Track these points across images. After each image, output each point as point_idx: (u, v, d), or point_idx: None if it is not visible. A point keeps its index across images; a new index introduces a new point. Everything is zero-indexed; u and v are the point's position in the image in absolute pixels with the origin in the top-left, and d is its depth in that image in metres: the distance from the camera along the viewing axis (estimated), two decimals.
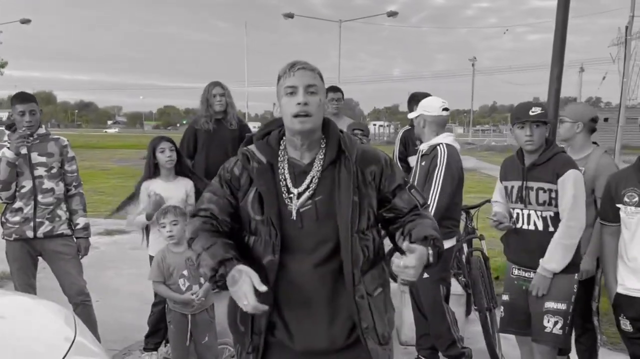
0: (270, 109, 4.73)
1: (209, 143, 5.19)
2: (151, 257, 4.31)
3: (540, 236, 3.34)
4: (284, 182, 2.09)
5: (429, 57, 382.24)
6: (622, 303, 3.23)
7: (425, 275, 2.00)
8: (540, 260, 3.28)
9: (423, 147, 4.02)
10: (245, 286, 1.86)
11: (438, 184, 3.77)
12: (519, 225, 3.42)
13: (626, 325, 3.23)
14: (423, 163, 3.98)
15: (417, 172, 4.00)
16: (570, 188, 3.23)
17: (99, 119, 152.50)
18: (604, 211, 3.33)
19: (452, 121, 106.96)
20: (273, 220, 2.03)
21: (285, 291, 2.06)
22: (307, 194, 2.06)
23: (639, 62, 33.67)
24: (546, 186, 3.29)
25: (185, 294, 3.66)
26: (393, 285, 2.25)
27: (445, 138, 3.93)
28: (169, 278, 3.72)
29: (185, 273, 3.72)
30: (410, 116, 4.27)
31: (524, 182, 3.36)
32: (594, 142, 3.75)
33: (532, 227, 3.36)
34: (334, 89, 5.77)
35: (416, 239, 1.97)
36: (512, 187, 3.45)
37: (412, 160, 4.87)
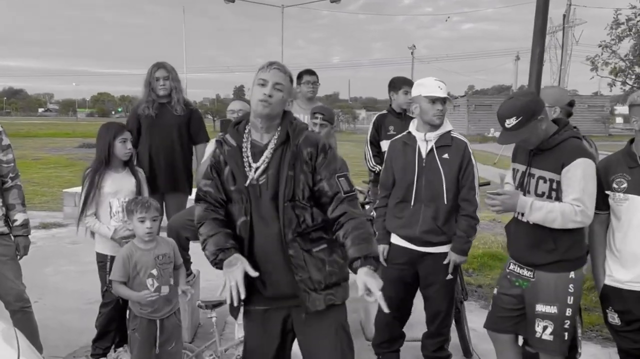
0: (210, 97, 4.63)
1: (153, 131, 4.81)
2: (98, 254, 3.95)
3: (532, 229, 3.03)
4: (247, 159, 2.61)
5: (367, 45, 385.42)
6: (611, 295, 3.11)
7: (450, 276, 2.45)
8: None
9: (433, 137, 3.63)
10: (238, 271, 2.43)
11: (477, 180, 3.67)
12: (516, 215, 3.15)
13: (614, 318, 3.11)
14: (446, 155, 3.61)
15: (441, 166, 3.60)
16: (580, 179, 2.88)
17: (30, 106, 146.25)
18: None
19: None
20: (241, 189, 2.59)
21: (256, 247, 2.59)
22: (262, 168, 2.59)
23: (569, 52, 34.73)
24: (548, 175, 2.98)
25: (154, 294, 3.33)
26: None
27: (449, 126, 3.70)
28: (134, 278, 3.37)
29: (154, 272, 3.39)
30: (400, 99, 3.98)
31: (528, 168, 3.09)
32: (575, 127, 3.59)
33: (524, 218, 3.06)
34: (310, 72, 5.74)
35: (352, 259, 2.42)
36: (518, 171, 3.18)
37: (385, 144, 4.71)
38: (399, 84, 5.01)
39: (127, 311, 3.51)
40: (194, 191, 3.03)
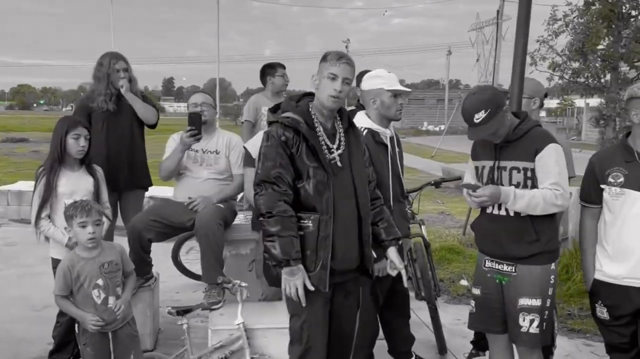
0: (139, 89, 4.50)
1: (110, 125, 4.53)
2: (53, 260, 3.64)
3: (512, 223, 2.97)
4: (322, 140, 2.84)
5: (300, 38, 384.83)
6: (600, 290, 3.10)
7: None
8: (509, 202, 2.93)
9: (388, 131, 3.56)
10: (299, 281, 2.69)
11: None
12: (488, 211, 3.09)
13: (603, 313, 3.11)
14: (398, 149, 3.63)
15: (398, 158, 3.60)
16: (554, 165, 2.90)
17: None
18: (587, 191, 3.13)
19: None
20: (325, 166, 2.79)
21: (336, 221, 2.77)
22: (341, 149, 2.88)
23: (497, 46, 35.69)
24: (522, 164, 2.93)
25: (99, 323, 3.07)
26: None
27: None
28: (78, 290, 3.10)
29: (100, 282, 3.13)
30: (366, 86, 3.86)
31: (496, 162, 3.04)
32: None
33: (503, 212, 3.02)
34: (282, 65, 5.72)
35: (387, 238, 3.02)
36: (484, 167, 3.11)
37: None
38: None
39: (76, 325, 3.22)
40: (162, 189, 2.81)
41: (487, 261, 3.12)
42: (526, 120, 3.03)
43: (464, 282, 5.90)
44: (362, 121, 3.50)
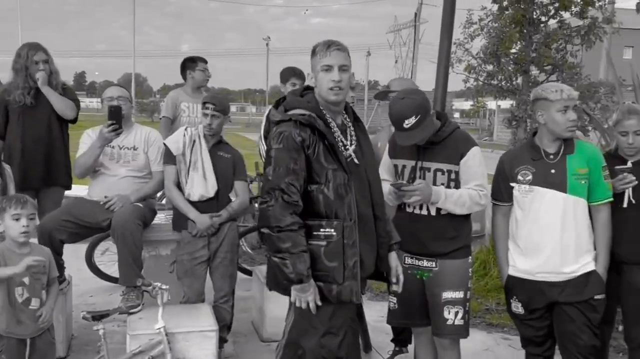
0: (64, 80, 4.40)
1: (27, 119, 4.31)
2: None
3: (433, 221, 3.07)
4: (339, 137, 2.64)
5: (219, 35, 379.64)
6: (514, 285, 3.19)
7: None
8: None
9: None
10: (311, 297, 2.49)
11: None
12: (409, 210, 3.14)
13: (518, 307, 3.20)
14: None
15: None
16: (478, 167, 3.05)
17: None
18: (497, 190, 3.23)
19: (244, 99, 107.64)
20: (345, 167, 2.58)
21: (359, 226, 2.58)
22: (354, 145, 2.70)
23: (412, 49, 36.69)
24: (446, 167, 3.03)
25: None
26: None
27: None
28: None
29: (25, 280, 2.93)
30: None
31: (419, 163, 3.09)
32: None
33: (424, 212, 3.09)
34: (204, 60, 5.55)
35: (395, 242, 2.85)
36: (404, 166, 3.16)
37: None
38: (287, 75, 4.84)
39: None
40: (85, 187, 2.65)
41: (406, 257, 3.17)
42: (447, 123, 3.11)
43: None
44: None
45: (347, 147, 2.66)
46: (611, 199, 3.08)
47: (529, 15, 10.13)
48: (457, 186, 3.05)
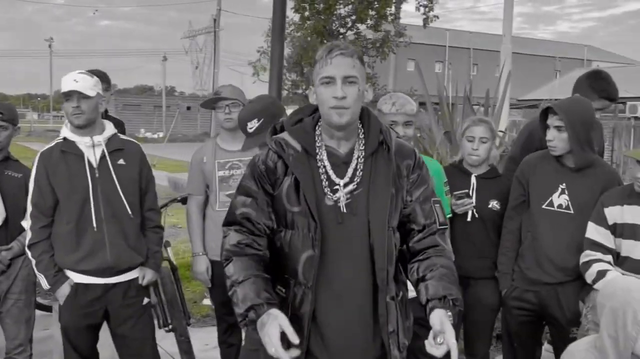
0: None
1: None
2: None
3: None
4: (324, 172, 1.99)
5: None
6: None
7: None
8: None
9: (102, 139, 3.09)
10: (273, 330, 1.79)
11: None
12: None
13: None
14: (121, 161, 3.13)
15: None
16: None
17: None
18: None
19: (24, 105, 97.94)
20: (312, 211, 1.93)
21: (322, 292, 1.96)
22: (351, 186, 1.98)
23: (210, 55, 36.73)
24: None
25: None
26: None
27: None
28: None
29: None
30: None
31: None
32: None
33: None
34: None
35: (433, 296, 1.91)
36: None
37: None
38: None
39: None
40: None
41: None
42: None
43: (207, 301, 5.60)
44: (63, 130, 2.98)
45: (337, 187, 1.98)
46: (450, 215, 3.07)
47: (329, 27, 10.53)
48: None
